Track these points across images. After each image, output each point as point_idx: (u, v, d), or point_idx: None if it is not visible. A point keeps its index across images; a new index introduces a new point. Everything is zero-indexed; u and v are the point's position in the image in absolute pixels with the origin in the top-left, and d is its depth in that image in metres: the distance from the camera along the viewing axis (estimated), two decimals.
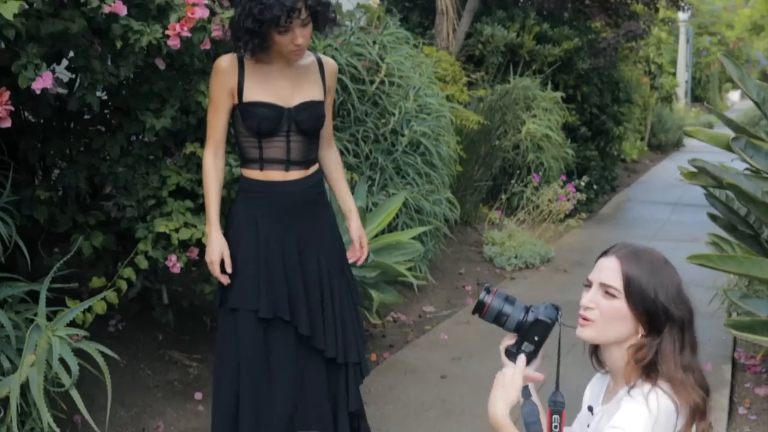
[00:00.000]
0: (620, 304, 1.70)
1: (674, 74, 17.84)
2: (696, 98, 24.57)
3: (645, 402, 1.66)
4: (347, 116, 4.82)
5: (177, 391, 3.49)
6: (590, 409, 1.86)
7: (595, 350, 1.85)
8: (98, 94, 2.95)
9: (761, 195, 2.79)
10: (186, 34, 2.47)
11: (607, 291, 1.72)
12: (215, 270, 2.57)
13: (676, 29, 19.20)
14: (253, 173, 2.63)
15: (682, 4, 10.04)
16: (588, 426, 1.83)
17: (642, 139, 13.36)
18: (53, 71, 2.59)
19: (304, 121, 2.61)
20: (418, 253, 4.36)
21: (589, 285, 1.77)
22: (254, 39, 2.46)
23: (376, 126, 4.90)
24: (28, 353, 2.49)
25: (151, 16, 2.59)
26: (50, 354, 2.46)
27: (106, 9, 2.33)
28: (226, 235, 2.61)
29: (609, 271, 1.72)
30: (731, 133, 3.12)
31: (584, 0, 8.81)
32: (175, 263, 3.01)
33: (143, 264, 3.04)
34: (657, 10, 9.68)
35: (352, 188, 4.32)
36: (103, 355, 2.63)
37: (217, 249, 2.57)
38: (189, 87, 3.10)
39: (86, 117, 3.26)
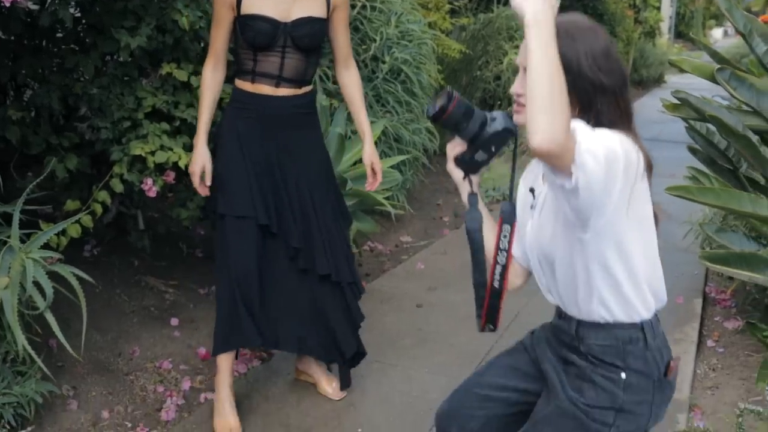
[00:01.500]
0: None
1: (659, 8, 17.67)
2: (679, 34, 24.45)
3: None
4: (326, 42, 4.72)
5: (153, 316, 3.48)
6: (532, 191, 1.80)
7: None
8: (71, 10, 2.86)
9: (742, 128, 2.79)
10: None
11: None
12: (195, 181, 2.61)
13: None
14: (245, 84, 2.63)
15: None
16: (532, 207, 1.78)
17: None
18: None
19: (301, 37, 2.57)
20: (396, 182, 4.33)
21: (521, 71, 1.68)
22: None
23: (357, 52, 4.81)
24: (2, 275, 2.45)
25: None
26: (24, 276, 2.43)
27: None
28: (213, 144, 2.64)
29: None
30: (716, 65, 3.10)
31: None
32: (150, 187, 2.96)
33: (118, 187, 2.99)
34: None
35: (332, 115, 4.27)
36: (79, 279, 2.60)
37: (200, 160, 2.61)
38: (165, 5, 2.99)
39: (59, 35, 3.16)
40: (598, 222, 1.55)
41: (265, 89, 2.60)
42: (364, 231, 4.21)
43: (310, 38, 2.59)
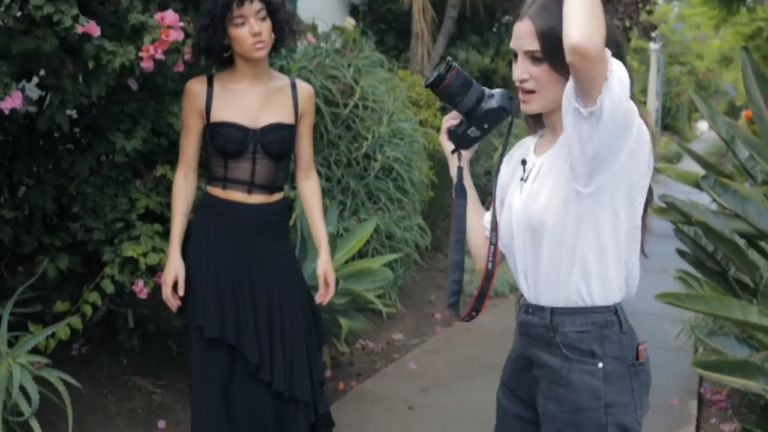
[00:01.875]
0: (549, 66, 1.61)
1: (645, 103, 18.09)
2: (666, 127, 24.95)
3: None
4: (320, 139, 4.80)
5: (140, 419, 3.41)
6: (524, 162, 1.75)
7: (532, 116, 1.77)
8: (68, 112, 2.91)
9: (729, 233, 2.82)
10: (160, 56, 2.44)
11: (533, 57, 1.62)
12: (166, 291, 2.56)
13: (648, 58, 19.52)
14: (216, 191, 2.62)
15: (654, 35, 10.23)
16: (522, 179, 1.73)
17: None
18: (23, 90, 2.54)
19: (271, 143, 2.58)
20: (388, 280, 4.33)
21: (515, 56, 1.67)
22: (213, 37, 2.47)
23: (349, 150, 4.89)
24: None
25: (125, 36, 2.55)
26: (10, 382, 2.40)
27: (80, 29, 2.29)
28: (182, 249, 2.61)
29: (527, 36, 1.62)
30: (701, 170, 3.16)
31: None
32: (142, 289, 2.95)
33: (109, 288, 2.98)
34: (629, 40, 9.83)
35: (324, 213, 4.30)
36: (65, 382, 2.57)
37: (173, 271, 2.57)
38: (161, 108, 3.06)
39: (56, 135, 3.21)
40: (602, 175, 1.56)
41: (237, 196, 2.59)
42: (355, 329, 4.19)
43: (279, 144, 2.61)
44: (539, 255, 1.67)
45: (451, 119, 1.79)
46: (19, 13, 2.27)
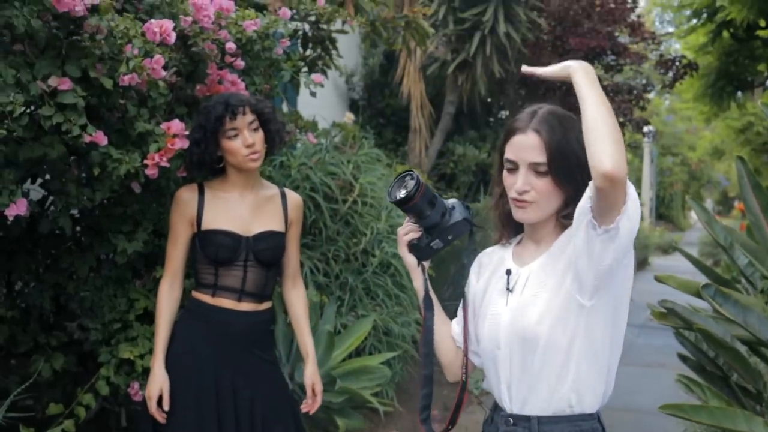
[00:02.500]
0: (552, 179, 1.66)
1: (639, 194, 18.27)
2: (660, 216, 25.14)
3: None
4: (318, 235, 4.83)
5: None
6: (508, 272, 1.75)
7: (512, 225, 1.79)
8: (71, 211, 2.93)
9: (730, 339, 2.81)
10: (164, 164, 2.47)
11: (536, 170, 1.66)
12: (152, 405, 2.50)
13: (641, 151, 19.83)
14: (204, 297, 2.59)
15: (646, 130, 10.41)
16: (510, 290, 1.73)
17: None
18: (27, 193, 2.56)
19: (263, 251, 2.59)
20: (386, 378, 4.29)
21: (513, 167, 1.69)
22: (206, 151, 2.49)
23: (348, 245, 4.90)
24: None
25: (131, 141, 2.60)
26: None
27: (87, 139, 2.33)
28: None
29: (533, 148, 1.65)
30: (702, 278, 3.17)
31: None
32: (137, 391, 2.91)
33: (104, 390, 2.94)
34: (623, 135, 10.00)
35: (321, 310, 4.29)
36: None
37: (157, 385, 2.52)
38: (163, 209, 3.08)
39: (57, 232, 3.22)
40: (607, 289, 1.60)
41: (227, 303, 2.57)
42: (351, 428, 4.12)
43: (271, 252, 2.61)
44: (529, 365, 1.67)
45: (412, 232, 1.79)
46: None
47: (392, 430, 4.90)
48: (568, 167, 1.63)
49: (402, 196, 1.69)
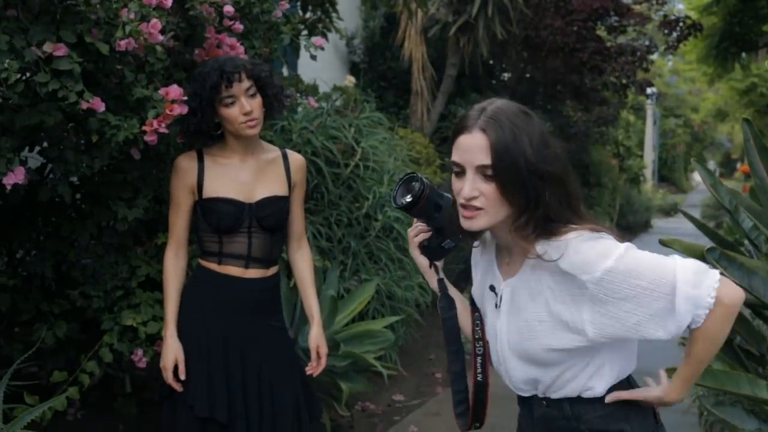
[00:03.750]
0: (497, 185, 1.50)
1: (641, 156, 18.21)
2: (663, 178, 25.09)
3: (575, 234, 1.50)
4: (321, 199, 4.81)
5: None
6: (492, 288, 1.68)
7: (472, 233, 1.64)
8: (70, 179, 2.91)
9: None
10: (163, 130, 2.44)
11: (484, 174, 1.50)
12: (168, 376, 2.50)
13: (644, 112, 19.72)
14: (211, 265, 2.57)
15: (650, 92, 10.33)
16: (497, 306, 1.66)
17: (611, 220, 13.54)
18: (25, 161, 2.53)
19: (266, 217, 2.55)
20: (390, 342, 4.29)
21: (460, 170, 1.53)
22: (202, 120, 2.45)
23: (350, 210, 4.89)
24: None
25: (129, 107, 2.56)
26: None
27: (84, 105, 2.29)
28: None
29: (479, 150, 1.49)
30: (705, 240, 3.15)
31: (556, 86, 9.01)
32: (141, 358, 2.91)
33: (107, 357, 2.94)
34: (626, 96, 9.93)
35: (324, 274, 4.28)
36: None
37: (172, 355, 2.51)
38: (163, 175, 3.05)
39: (56, 200, 3.20)
40: None
41: (234, 270, 2.54)
42: (355, 391, 4.14)
43: (275, 217, 2.57)
44: (539, 375, 1.63)
45: (422, 233, 1.73)
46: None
47: (396, 394, 4.92)
48: (516, 171, 1.47)
49: (407, 201, 1.62)
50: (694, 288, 1.46)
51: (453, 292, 1.79)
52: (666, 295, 1.46)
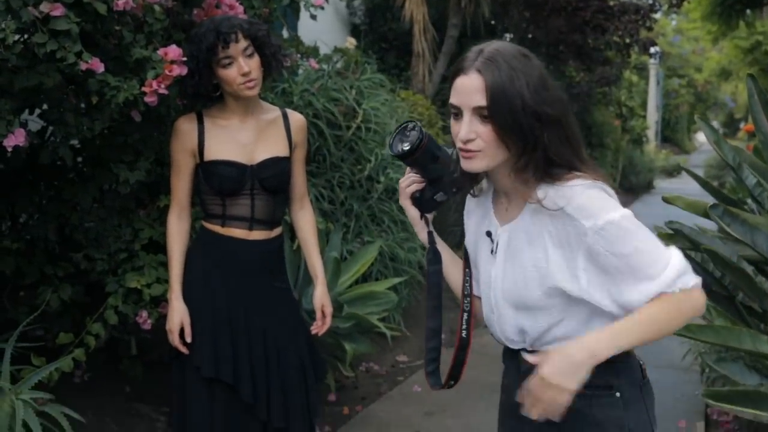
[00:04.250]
0: (493, 127, 1.50)
1: (644, 117, 18.12)
2: (665, 138, 24.97)
3: (583, 182, 1.51)
4: (323, 162, 4.80)
5: None
6: (489, 234, 1.67)
7: (470, 174, 1.62)
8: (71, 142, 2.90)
9: (737, 259, 2.80)
10: (163, 91, 2.42)
11: (481, 114, 1.49)
12: (174, 338, 2.51)
13: (647, 72, 19.56)
14: (215, 227, 2.57)
15: (653, 51, 10.22)
16: (493, 252, 1.65)
17: (614, 181, 13.52)
18: (25, 124, 2.52)
19: (268, 179, 2.54)
20: (393, 303, 4.32)
21: (457, 112, 1.53)
22: (200, 82, 2.43)
23: (352, 172, 4.88)
24: None
25: (128, 69, 2.54)
26: (13, 418, 2.37)
27: (83, 66, 2.28)
28: None
29: (475, 91, 1.48)
30: (709, 198, 3.15)
31: (558, 46, 8.93)
32: (146, 320, 2.93)
33: (112, 319, 2.96)
34: (629, 56, 9.85)
35: (327, 236, 4.29)
36: (68, 416, 2.54)
37: (177, 317, 2.52)
38: (164, 138, 3.04)
39: (58, 164, 3.19)
40: None
41: (238, 233, 2.54)
42: (359, 352, 4.17)
43: (277, 179, 2.56)
44: (534, 320, 1.62)
45: (414, 184, 1.70)
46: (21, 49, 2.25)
47: (399, 354, 4.96)
48: (512, 112, 1.47)
49: (405, 149, 1.59)
50: (681, 269, 1.50)
51: (442, 246, 1.77)
52: (656, 262, 1.48)
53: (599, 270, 1.52)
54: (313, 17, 3.54)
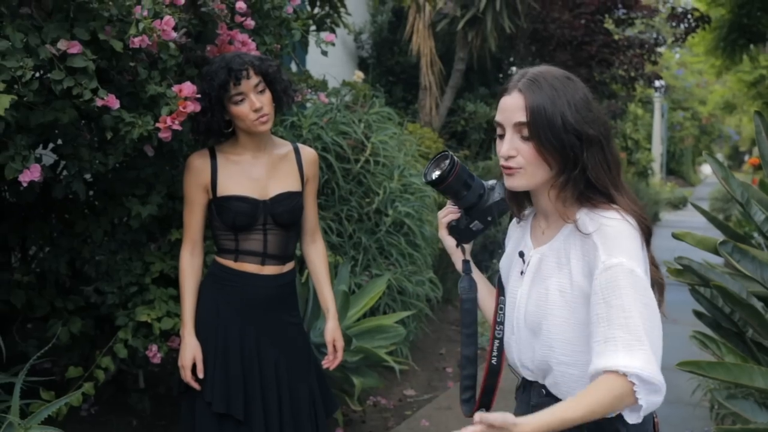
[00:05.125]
0: (534, 145, 1.54)
1: (650, 149, 18.16)
2: (670, 171, 25.01)
3: (619, 217, 1.50)
4: (331, 195, 4.82)
5: None
6: (521, 254, 1.69)
7: (515, 197, 1.69)
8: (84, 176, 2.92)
9: (746, 296, 2.79)
10: (177, 127, 2.45)
11: (522, 133, 1.55)
12: (186, 375, 2.50)
13: (652, 105, 19.65)
14: (227, 262, 2.57)
15: (657, 85, 10.29)
16: (522, 273, 1.66)
17: None
18: (39, 158, 2.55)
19: (281, 214, 2.55)
20: (401, 337, 4.30)
21: (502, 132, 1.59)
22: (212, 119, 2.45)
23: (360, 205, 4.89)
24: None
25: (143, 104, 2.57)
26: None
27: (99, 102, 2.31)
28: None
29: (517, 109, 1.54)
30: (715, 231, 3.15)
31: None
32: (155, 354, 2.93)
33: (122, 353, 2.96)
34: (635, 90, 9.90)
35: (336, 270, 4.29)
36: None
37: (190, 353, 2.51)
38: (176, 172, 3.07)
39: (70, 197, 3.22)
40: None
41: (250, 267, 2.55)
42: (367, 386, 4.15)
43: (290, 214, 2.57)
44: (550, 353, 1.61)
45: (451, 214, 1.75)
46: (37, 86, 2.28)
47: (407, 388, 4.94)
48: (552, 130, 1.51)
49: (436, 176, 1.65)
50: (651, 372, 1.42)
51: (477, 275, 1.80)
52: (632, 333, 1.43)
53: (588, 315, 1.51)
54: (324, 53, 3.59)
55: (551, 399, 1.63)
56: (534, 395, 1.68)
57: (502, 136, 1.59)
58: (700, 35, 10.74)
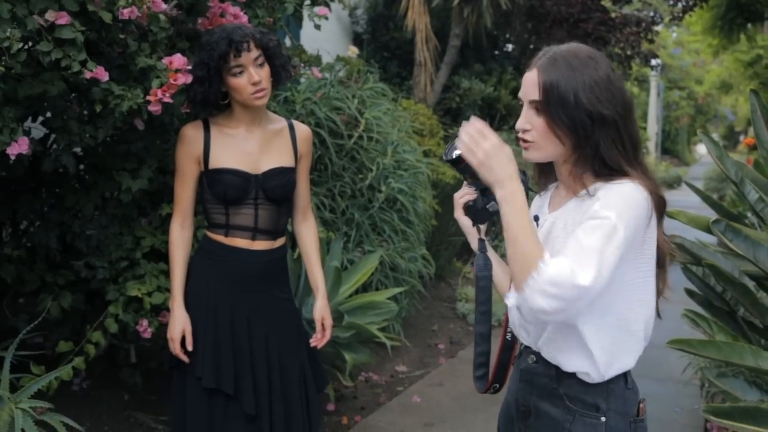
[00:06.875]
0: (546, 120, 1.60)
1: (645, 128, 18.13)
2: (666, 150, 25.00)
3: (631, 183, 1.54)
4: (324, 171, 4.80)
5: None
6: (536, 218, 1.74)
7: (541, 168, 1.77)
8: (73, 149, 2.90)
9: (738, 275, 2.79)
10: (167, 100, 2.42)
11: (536, 107, 1.61)
12: (175, 347, 2.49)
13: (648, 84, 19.60)
14: (218, 236, 2.56)
15: (654, 63, 10.24)
16: None
17: None
18: (28, 131, 2.52)
19: (273, 189, 2.54)
20: (393, 313, 4.30)
21: (522, 105, 1.66)
22: (209, 89, 2.42)
23: (353, 181, 4.87)
24: None
25: (132, 77, 2.54)
26: (12, 427, 2.36)
27: (88, 75, 2.28)
28: None
29: (532, 85, 1.61)
30: (709, 211, 3.14)
31: None
32: (146, 328, 2.92)
33: (113, 327, 2.95)
34: (631, 68, 9.86)
35: (328, 246, 4.28)
36: (67, 424, 2.53)
37: (179, 325, 2.50)
38: (167, 146, 3.04)
39: (60, 171, 3.19)
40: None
41: (241, 242, 2.53)
42: (359, 362, 4.16)
43: (282, 189, 2.56)
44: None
45: (467, 194, 1.77)
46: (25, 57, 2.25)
47: (399, 364, 4.95)
48: (564, 108, 1.56)
49: (456, 155, 1.66)
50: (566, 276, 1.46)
51: (492, 253, 1.80)
52: (584, 257, 1.47)
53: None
54: (317, 27, 3.55)
55: (540, 365, 1.68)
56: (524, 359, 1.73)
57: (521, 109, 1.66)
58: (697, 14, 10.69)
